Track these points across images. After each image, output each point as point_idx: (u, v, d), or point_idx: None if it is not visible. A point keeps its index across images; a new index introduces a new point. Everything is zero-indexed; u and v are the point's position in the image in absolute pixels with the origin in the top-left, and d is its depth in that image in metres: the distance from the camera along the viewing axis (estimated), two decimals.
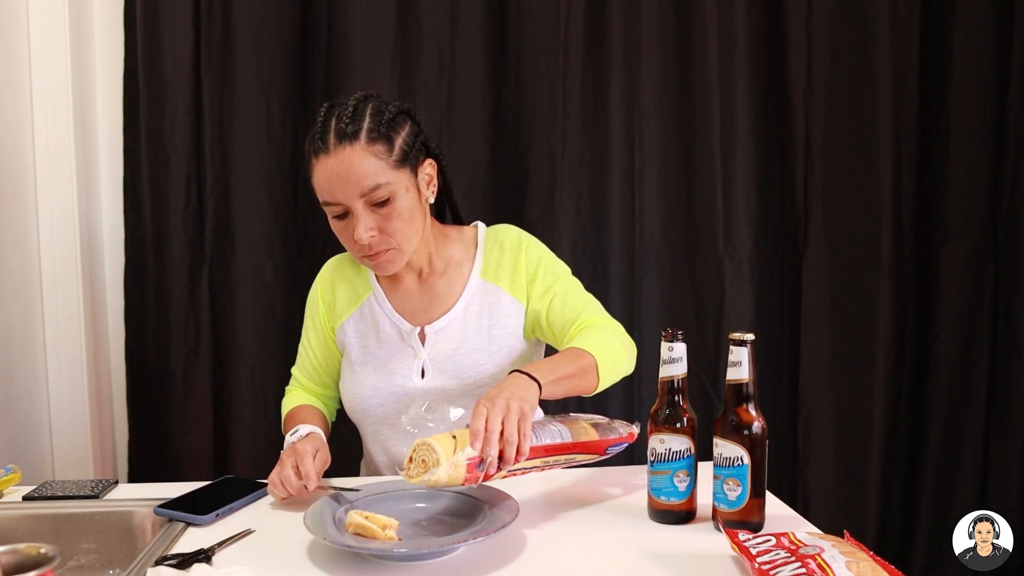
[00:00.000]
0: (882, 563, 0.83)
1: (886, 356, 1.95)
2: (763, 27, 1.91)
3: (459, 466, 0.93)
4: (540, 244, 1.32)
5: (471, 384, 1.24)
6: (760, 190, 1.95)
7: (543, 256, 1.30)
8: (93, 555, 1.11)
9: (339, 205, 1.14)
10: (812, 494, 1.97)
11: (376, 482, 1.16)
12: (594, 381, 1.13)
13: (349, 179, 1.12)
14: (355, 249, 1.19)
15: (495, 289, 1.28)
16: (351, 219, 1.15)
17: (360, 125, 1.13)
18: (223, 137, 1.84)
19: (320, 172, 1.14)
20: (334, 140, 1.12)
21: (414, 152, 1.19)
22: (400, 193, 1.15)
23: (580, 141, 1.88)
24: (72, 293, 1.79)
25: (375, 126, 1.14)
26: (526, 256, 1.28)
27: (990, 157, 1.93)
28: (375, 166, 1.12)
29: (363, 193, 1.13)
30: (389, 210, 1.15)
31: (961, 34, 1.90)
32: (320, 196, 1.16)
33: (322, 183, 1.14)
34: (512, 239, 1.30)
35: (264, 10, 1.82)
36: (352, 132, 1.12)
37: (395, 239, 1.17)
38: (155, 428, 1.88)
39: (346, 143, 1.12)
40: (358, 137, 1.12)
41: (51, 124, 1.76)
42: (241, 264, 1.87)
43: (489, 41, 1.87)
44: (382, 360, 1.27)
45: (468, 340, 1.25)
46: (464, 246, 1.32)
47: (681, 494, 1.05)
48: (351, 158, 1.11)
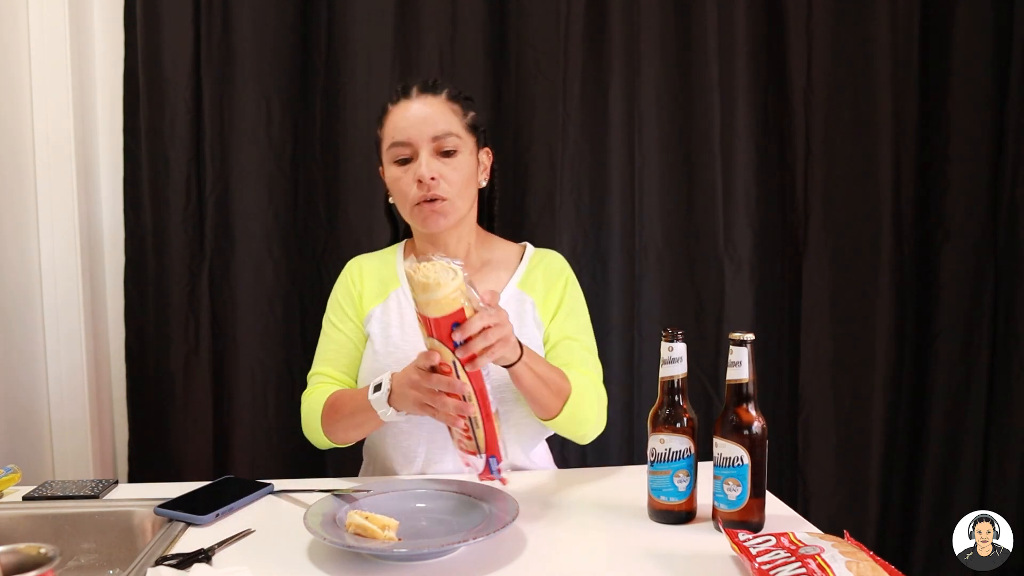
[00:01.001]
0: (882, 563, 0.83)
1: (886, 356, 1.95)
2: (763, 27, 1.91)
3: (458, 300, 0.96)
4: (578, 285, 1.36)
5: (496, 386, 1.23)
6: (760, 190, 1.95)
7: (577, 298, 1.34)
8: (93, 555, 1.11)
9: (407, 147, 1.22)
10: (812, 494, 1.97)
11: (376, 482, 1.16)
12: (555, 408, 1.16)
13: (426, 120, 1.21)
14: (411, 196, 1.23)
15: (527, 299, 1.31)
16: (413, 164, 1.22)
17: (442, 86, 1.26)
18: (223, 137, 1.84)
19: (396, 114, 1.24)
20: (416, 89, 1.25)
21: (480, 131, 1.30)
22: (464, 152, 1.24)
23: (580, 141, 1.88)
24: (72, 293, 1.79)
25: (457, 94, 1.27)
26: (564, 287, 1.32)
27: (990, 157, 1.93)
28: (451, 118, 1.24)
29: (435, 136, 1.21)
30: (452, 161, 1.23)
31: (961, 34, 1.90)
32: (390, 138, 1.24)
33: (397, 123, 1.23)
34: (557, 265, 1.35)
35: (264, 10, 1.82)
36: (435, 86, 1.25)
37: (451, 190, 1.22)
38: (155, 428, 1.88)
39: (428, 93, 1.24)
40: (440, 91, 1.25)
41: (51, 124, 1.76)
42: (241, 264, 1.86)
43: (489, 41, 1.87)
44: (405, 352, 1.27)
45: None
46: (506, 255, 1.36)
47: (681, 494, 1.05)
48: (431, 103, 1.23)
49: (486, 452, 1.05)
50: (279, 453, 1.89)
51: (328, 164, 1.87)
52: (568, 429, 1.21)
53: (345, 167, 1.85)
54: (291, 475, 1.28)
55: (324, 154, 1.87)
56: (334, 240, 1.87)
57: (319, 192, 1.88)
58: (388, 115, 1.26)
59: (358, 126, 1.84)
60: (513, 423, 1.26)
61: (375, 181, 1.85)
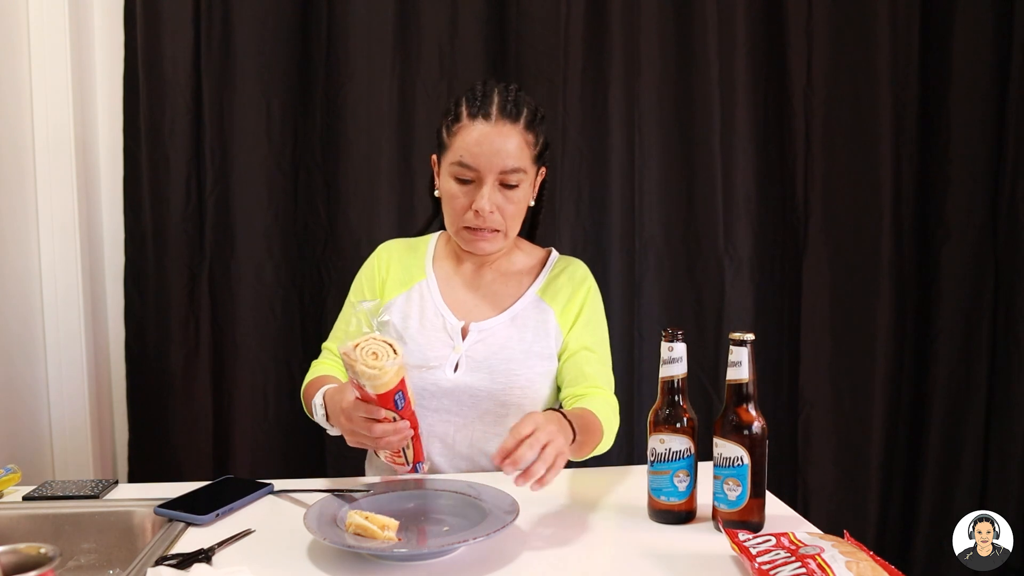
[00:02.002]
0: (882, 563, 0.83)
1: (886, 356, 1.95)
2: (763, 27, 1.91)
3: (398, 374, 0.98)
4: (599, 295, 1.36)
5: (500, 388, 1.24)
6: (760, 190, 1.95)
7: (597, 309, 1.34)
8: (93, 555, 1.11)
9: (475, 172, 1.20)
10: (812, 494, 1.97)
11: (376, 482, 1.16)
12: (590, 452, 1.16)
13: (500, 152, 1.18)
14: (464, 218, 1.23)
15: (547, 308, 1.31)
16: (475, 188, 1.21)
17: (522, 110, 1.22)
18: (223, 137, 1.84)
19: (472, 134, 1.19)
20: (497, 112, 1.20)
21: (544, 156, 1.29)
22: (525, 184, 1.24)
23: (580, 141, 1.88)
24: (72, 293, 1.79)
25: (533, 118, 1.23)
26: (585, 297, 1.32)
27: (990, 157, 1.93)
28: (523, 151, 1.21)
29: (504, 170, 1.19)
30: (513, 195, 1.22)
31: (961, 34, 1.90)
32: (458, 156, 1.21)
33: (471, 145, 1.19)
34: (580, 273, 1.35)
35: (264, 10, 1.82)
36: (516, 113, 1.21)
37: (507, 223, 1.23)
38: (155, 428, 1.88)
39: (509, 120, 1.20)
40: (519, 120, 1.21)
41: (51, 124, 1.76)
42: (241, 264, 1.86)
43: (489, 41, 1.87)
44: (420, 345, 1.27)
45: (508, 347, 1.26)
46: (531, 261, 1.37)
47: (681, 494, 1.05)
48: (510, 134, 1.19)
49: (414, 461, 1.12)
50: (279, 453, 1.89)
51: (328, 164, 1.87)
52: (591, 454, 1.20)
53: (345, 167, 1.85)
54: (291, 475, 1.28)
55: (324, 154, 1.87)
56: (334, 240, 1.87)
57: (319, 192, 1.88)
58: (461, 126, 1.21)
59: (358, 126, 1.84)
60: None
61: (375, 181, 1.86)
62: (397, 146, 1.86)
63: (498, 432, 1.25)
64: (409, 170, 1.87)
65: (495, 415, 1.25)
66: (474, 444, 1.27)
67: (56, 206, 1.78)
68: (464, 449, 1.27)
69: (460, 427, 1.26)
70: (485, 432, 1.26)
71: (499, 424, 1.25)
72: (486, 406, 1.24)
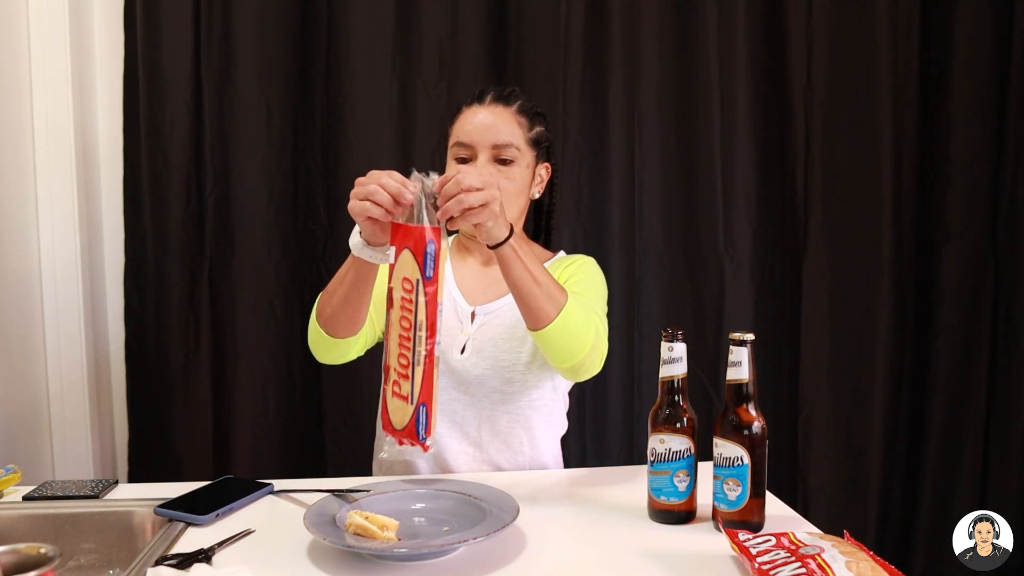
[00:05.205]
0: (882, 563, 0.83)
1: (886, 356, 1.95)
2: (763, 27, 1.91)
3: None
4: (596, 267, 1.37)
5: (504, 367, 1.28)
6: (760, 190, 1.95)
7: (591, 273, 1.35)
8: (93, 555, 1.11)
9: (470, 149, 1.28)
10: (812, 494, 1.97)
11: (376, 482, 1.16)
12: (547, 316, 1.09)
13: (490, 128, 1.27)
14: None
15: None
16: (471, 166, 1.27)
17: (515, 98, 1.32)
18: (223, 137, 1.84)
19: (466, 117, 1.30)
20: (490, 97, 1.31)
21: (543, 146, 1.35)
22: (521, 164, 1.29)
23: (580, 141, 1.88)
24: (72, 293, 1.79)
25: (527, 106, 1.33)
26: (577, 267, 1.35)
27: (990, 157, 1.93)
28: (514, 130, 1.29)
29: (495, 144, 1.27)
30: (508, 171, 1.28)
31: (961, 34, 1.90)
32: (456, 137, 1.30)
33: (464, 125, 1.29)
34: (576, 257, 1.38)
35: (264, 10, 1.82)
36: (507, 98, 1.31)
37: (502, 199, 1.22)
38: (155, 428, 1.88)
39: (500, 103, 1.30)
40: (511, 103, 1.31)
41: (51, 124, 1.76)
42: (241, 264, 1.86)
43: (489, 41, 1.87)
44: None
45: (512, 328, 1.30)
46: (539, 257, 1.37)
47: (681, 494, 1.05)
48: (499, 113, 1.29)
49: (418, 399, 0.97)
50: (279, 453, 1.89)
51: (328, 164, 1.87)
52: (560, 350, 1.13)
53: (345, 167, 1.85)
54: (291, 475, 1.28)
55: (324, 154, 1.87)
56: (334, 240, 1.87)
57: (319, 192, 1.88)
58: (460, 115, 1.32)
59: (358, 126, 1.84)
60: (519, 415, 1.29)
61: None
62: (397, 146, 1.86)
63: (506, 410, 1.30)
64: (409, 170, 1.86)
65: (501, 393, 1.29)
66: (482, 422, 1.30)
67: (56, 206, 1.78)
68: (472, 431, 1.31)
69: (468, 405, 1.30)
70: (493, 410, 1.30)
71: (505, 402, 1.30)
72: (492, 384, 1.28)
